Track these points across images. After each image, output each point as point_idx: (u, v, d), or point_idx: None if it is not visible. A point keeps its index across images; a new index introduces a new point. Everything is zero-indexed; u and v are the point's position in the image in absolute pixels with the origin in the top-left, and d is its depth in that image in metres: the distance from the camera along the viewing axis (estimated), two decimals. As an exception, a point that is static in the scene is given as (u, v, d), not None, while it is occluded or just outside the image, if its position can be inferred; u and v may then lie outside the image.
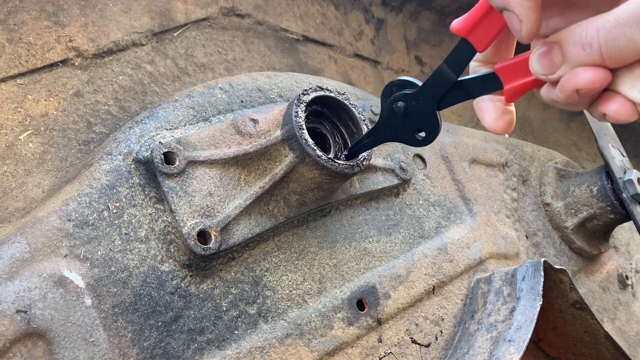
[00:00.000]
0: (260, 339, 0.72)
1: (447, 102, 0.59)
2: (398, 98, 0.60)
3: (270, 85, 0.87)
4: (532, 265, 0.89)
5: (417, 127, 0.61)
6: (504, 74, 0.52)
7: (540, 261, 0.88)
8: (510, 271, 0.93)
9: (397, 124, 0.62)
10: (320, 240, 0.82)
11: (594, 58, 0.43)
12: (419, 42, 1.38)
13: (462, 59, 0.54)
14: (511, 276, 0.92)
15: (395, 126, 0.62)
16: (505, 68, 0.52)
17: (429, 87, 0.58)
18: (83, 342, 0.60)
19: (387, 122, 0.63)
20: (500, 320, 0.87)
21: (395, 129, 0.63)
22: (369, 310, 0.82)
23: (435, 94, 0.58)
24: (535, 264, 0.89)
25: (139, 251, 0.67)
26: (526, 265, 0.91)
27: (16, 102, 0.73)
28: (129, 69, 0.84)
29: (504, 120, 0.55)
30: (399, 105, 0.60)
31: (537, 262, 0.88)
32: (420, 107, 0.60)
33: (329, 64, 1.16)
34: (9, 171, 0.70)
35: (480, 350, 0.84)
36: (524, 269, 0.90)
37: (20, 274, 0.59)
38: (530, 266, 0.89)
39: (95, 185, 0.67)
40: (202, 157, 0.71)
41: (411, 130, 0.62)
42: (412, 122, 0.61)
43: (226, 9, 0.98)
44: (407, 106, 0.60)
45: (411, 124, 0.61)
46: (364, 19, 1.25)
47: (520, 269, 0.91)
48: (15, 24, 0.75)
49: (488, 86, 0.54)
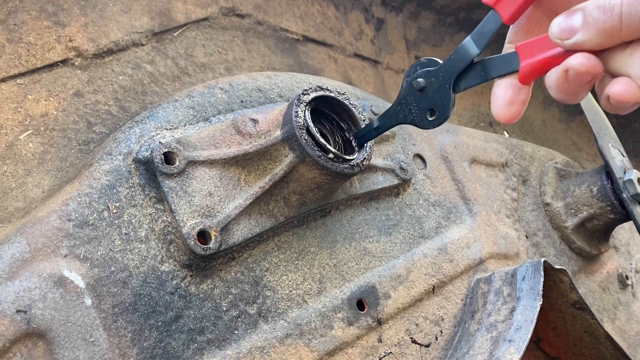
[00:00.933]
0: (260, 339, 0.72)
1: (465, 83, 0.58)
2: (419, 75, 0.61)
3: (270, 85, 0.87)
4: (532, 265, 0.89)
5: (431, 107, 0.61)
6: (523, 51, 0.52)
7: (540, 261, 0.88)
8: (510, 271, 0.93)
9: (412, 102, 0.62)
10: (320, 240, 0.82)
11: (612, 23, 0.44)
12: (419, 42, 1.38)
13: (487, 31, 0.54)
14: (511, 276, 0.92)
15: (410, 106, 0.63)
16: (526, 45, 0.52)
17: (450, 62, 0.58)
18: (83, 342, 0.60)
19: (403, 100, 0.63)
20: (500, 320, 0.87)
21: (409, 109, 0.63)
22: (369, 310, 0.82)
23: (455, 70, 0.58)
24: (535, 264, 0.89)
25: (139, 251, 0.67)
26: (526, 265, 0.91)
27: (16, 102, 0.73)
28: (129, 69, 0.84)
29: (510, 109, 0.55)
30: (418, 81, 0.61)
31: (537, 262, 0.88)
32: (438, 85, 0.60)
33: (329, 63, 1.16)
34: (9, 171, 0.70)
35: (480, 350, 0.84)
36: (524, 269, 0.90)
37: (20, 274, 0.59)
38: (530, 266, 0.89)
39: (95, 185, 0.67)
40: (202, 157, 0.71)
41: (424, 110, 0.62)
42: (427, 101, 0.61)
43: (226, 9, 0.98)
44: (426, 83, 0.60)
45: (426, 102, 0.61)
46: (364, 18, 1.25)
47: (520, 269, 0.91)
48: (15, 24, 0.75)
49: (505, 65, 0.54)
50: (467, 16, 1.36)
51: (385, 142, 0.96)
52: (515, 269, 0.92)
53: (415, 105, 0.63)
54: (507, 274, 0.93)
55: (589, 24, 0.46)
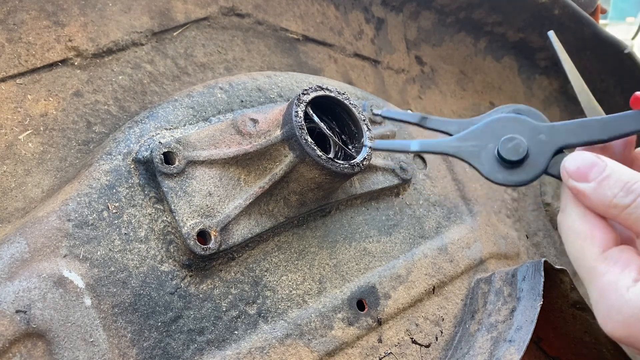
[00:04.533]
0: (260, 339, 0.71)
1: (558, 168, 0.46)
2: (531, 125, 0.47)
3: (270, 85, 0.87)
4: (533, 265, 0.89)
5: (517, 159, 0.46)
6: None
7: (541, 261, 0.88)
8: (510, 271, 0.93)
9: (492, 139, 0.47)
10: (320, 240, 0.82)
11: None
12: (419, 42, 1.38)
13: (631, 124, 0.44)
14: (511, 276, 0.92)
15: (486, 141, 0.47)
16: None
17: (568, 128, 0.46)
18: (83, 342, 0.60)
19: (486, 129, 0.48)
20: (501, 321, 0.87)
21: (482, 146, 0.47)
22: (369, 310, 0.82)
23: (563, 141, 0.46)
24: (535, 264, 0.89)
25: (138, 251, 0.67)
26: (526, 265, 0.90)
27: (16, 101, 0.73)
28: (128, 68, 0.84)
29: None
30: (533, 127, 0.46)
31: (537, 262, 0.88)
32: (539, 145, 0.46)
33: (329, 63, 1.16)
34: (8, 171, 0.70)
35: (481, 351, 0.84)
36: (525, 269, 0.90)
37: (20, 274, 0.59)
38: (530, 266, 0.89)
39: (95, 185, 0.67)
40: (201, 157, 0.71)
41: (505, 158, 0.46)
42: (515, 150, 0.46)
43: (226, 8, 0.98)
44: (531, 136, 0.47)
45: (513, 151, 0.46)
46: (364, 18, 1.25)
47: (521, 269, 0.91)
48: (15, 24, 0.74)
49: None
50: (467, 16, 1.36)
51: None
52: (516, 269, 0.92)
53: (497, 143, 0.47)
54: (508, 274, 0.93)
55: None
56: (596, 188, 0.42)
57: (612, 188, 0.41)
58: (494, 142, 0.47)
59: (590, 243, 0.43)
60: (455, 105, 1.46)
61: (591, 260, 0.43)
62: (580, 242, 0.44)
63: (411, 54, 1.37)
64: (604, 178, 0.42)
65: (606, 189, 0.42)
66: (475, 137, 0.48)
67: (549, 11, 1.32)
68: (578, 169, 0.43)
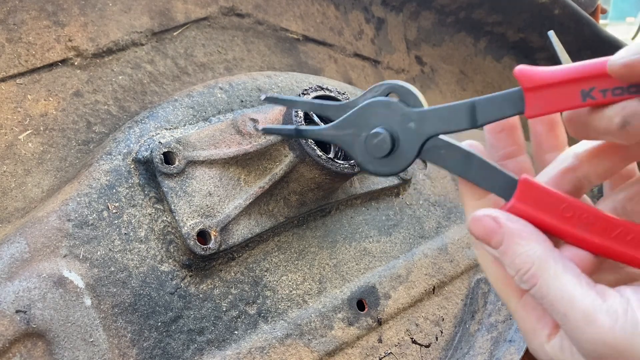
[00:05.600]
0: (260, 339, 0.71)
1: (432, 154, 0.44)
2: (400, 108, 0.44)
3: (270, 84, 0.87)
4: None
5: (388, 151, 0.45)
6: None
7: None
8: (510, 271, 0.93)
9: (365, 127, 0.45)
10: (320, 241, 0.82)
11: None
12: (419, 42, 1.38)
13: (497, 111, 0.41)
14: (511, 276, 0.91)
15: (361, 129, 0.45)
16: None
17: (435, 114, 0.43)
18: (83, 342, 0.60)
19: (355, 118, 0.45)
20: (501, 321, 0.87)
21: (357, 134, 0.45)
22: (369, 310, 0.82)
23: (431, 130, 0.44)
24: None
25: (138, 251, 0.67)
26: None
27: (16, 101, 0.73)
28: (128, 68, 0.84)
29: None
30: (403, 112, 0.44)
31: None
32: (408, 134, 0.44)
33: (329, 63, 1.16)
34: (8, 171, 0.70)
35: (481, 351, 0.84)
36: (525, 269, 0.90)
37: (20, 274, 0.59)
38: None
39: (95, 185, 0.67)
40: (201, 157, 0.71)
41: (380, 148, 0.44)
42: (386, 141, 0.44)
43: (226, 8, 0.98)
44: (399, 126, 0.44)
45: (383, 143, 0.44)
46: (364, 18, 1.25)
47: (521, 269, 0.91)
48: (15, 24, 0.74)
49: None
50: (467, 16, 1.36)
51: (385, 142, 0.96)
52: (516, 269, 0.92)
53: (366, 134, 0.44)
54: (508, 274, 0.93)
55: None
56: (500, 256, 0.39)
57: (510, 266, 0.39)
58: (366, 130, 0.45)
59: (507, 289, 0.42)
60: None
61: (511, 305, 0.42)
62: (498, 285, 0.43)
63: (411, 54, 1.37)
64: (502, 253, 0.39)
65: (506, 262, 0.39)
66: (349, 125, 0.46)
67: (549, 11, 1.32)
68: (480, 235, 0.40)
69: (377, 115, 0.45)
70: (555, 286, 0.36)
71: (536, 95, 0.39)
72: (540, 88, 0.39)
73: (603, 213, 0.39)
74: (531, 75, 0.39)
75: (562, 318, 0.36)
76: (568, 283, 0.36)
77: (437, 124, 0.44)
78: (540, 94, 0.39)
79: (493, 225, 0.39)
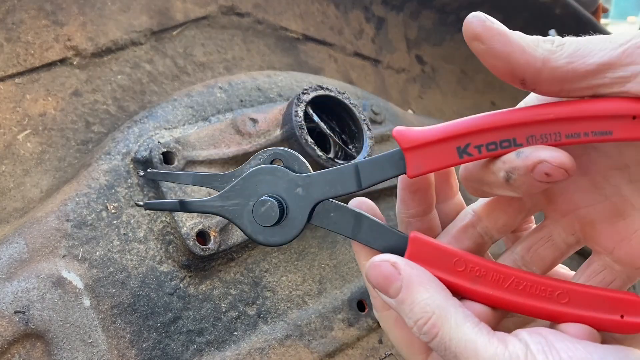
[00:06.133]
0: (259, 340, 0.71)
1: (322, 218, 0.44)
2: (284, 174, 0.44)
3: (270, 84, 0.87)
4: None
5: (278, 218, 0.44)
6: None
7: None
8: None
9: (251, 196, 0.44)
10: (320, 241, 0.82)
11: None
12: (420, 41, 1.38)
13: (380, 173, 0.42)
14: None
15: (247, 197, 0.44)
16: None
17: (321, 178, 0.43)
18: (82, 343, 0.59)
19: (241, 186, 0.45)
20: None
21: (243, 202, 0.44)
22: (370, 311, 0.82)
23: (319, 195, 0.43)
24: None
25: (137, 252, 0.67)
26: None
27: (14, 101, 0.73)
28: (127, 68, 0.84)
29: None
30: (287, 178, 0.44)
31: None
32: (297, 201, 0.44)
33: (329, 63, 1.15)
34: (7, 171, 0.70)
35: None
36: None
37: (19, 275, 0.59)
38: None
39: (94, 186, 0.67)
40: (201, 157, 0.71)
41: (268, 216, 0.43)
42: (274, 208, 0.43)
43: (225, 7, 0.98)
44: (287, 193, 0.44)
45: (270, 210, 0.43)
46: (364, 17, 1.25)
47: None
48: (14, 23, 0.74)
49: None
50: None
51: (385, 141, 0.96)
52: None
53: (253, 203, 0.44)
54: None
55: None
56: (397, 307, 0.38)
57: (408, 317, 0.38)
58: (254, 199, 0.44)
59: (412, 352, 0.42)
60: (456, 105, 1.45)
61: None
62: (403, 349, 0.43)
63: (412, 53, 1.37)
64: (401, 302, 0.38)
65: (404, 313, 0.38)
66: (236, 195, 0.45)
67: (550, 10, 1.31)
68: (378, 283, 0.39)
69: (263, 183, 0.44)
70: (457, 336, 0.36)
71: (415, 155, 0.39)
72: (418, 147, 0.39)
73: (496, 265, 0.39)
74: (408, 136, 0.40)
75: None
76: (470, 332, 0.36)
77: (324, 188, 0.43)
78: (419, 153, 0.39)
79: (392, 271, 0.39)
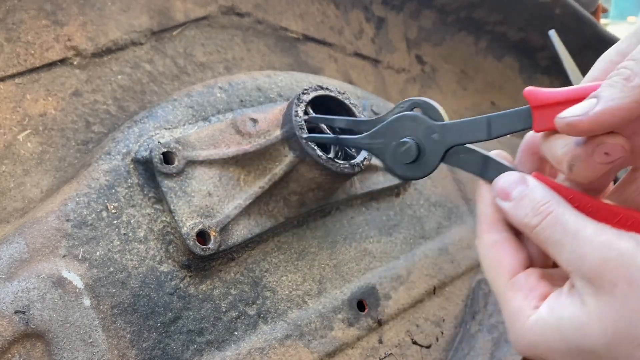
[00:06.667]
0: (259, 340, 0.71)
1: (453, 159, 0.52)
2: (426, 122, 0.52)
3: (270, 84, 0.87)
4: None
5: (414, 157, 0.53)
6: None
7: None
8: (511, 271, 0.92)
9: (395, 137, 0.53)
10: (321, 241, 0.82)
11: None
12: (420, 41, 1.38)
13: (509, 126, 0.47)
14: (512, 276, 0.91)
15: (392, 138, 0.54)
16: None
17: (456, 127, 0.50)
18: (82, 342, 0.59)
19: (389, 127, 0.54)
20: (502, 322, 0.87)
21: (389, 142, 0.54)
22: (370, 311, 0.82)
23: (452, 140, 0.51)
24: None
25: (137, 251, 0.67)
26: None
27: (15, 101, 0.73)
28: (127, 68, 0.84)
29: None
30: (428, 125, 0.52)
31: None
32: (432, 144, 0.52)
33: (329, 63, 1.15)
34: (7, 171, 0.70)
35: (482, 352, 0.84)
36: (525, 270, 0.90)
37: (19, 275, 0.59)
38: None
39: (94, 186, 0.67)
40: (201, 157, 0.71)
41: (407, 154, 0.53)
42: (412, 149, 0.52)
43: (226, 7, 0.98)
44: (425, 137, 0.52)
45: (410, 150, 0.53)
46: (364, 17, 1.25)
47: (522, 269, 0.90)
48: (14, 23, 0.74)
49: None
50: (468, 15, 1.36)
51: (385, 141, 0.96)
52: (517, 269, 0.91)
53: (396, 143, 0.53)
54: (508, 274, 0.92)
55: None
56: (513, 207, 0.44)
57: (525, 208, 0.43)
58: (396, 140, 0.53)
59: (499, 271, 0.46)
60: (456, 104, 1.45)
61: (500, 287, 0.45)
62: (491, 270, 0.47)
63: (412, 53, 1.37)
64: (521, 198, 0.44)
65: (520, 208, 0.43)
66: (381, 136, 0.55)
67: (550, 10, 1.31)
68: (503, 188, 0.45)
69: (404, 127, 0.53)
70: (570, 219, 0.40)
71: (542, 113, 0.44)
72: (545, 106, 0.44)
73: (605, 203, 0.43)
74: (538, 95, 0.44)
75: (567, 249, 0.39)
76: (583, 218, 0.40)
77: (457, 135, 0.51)
78: (545, 111, 0.44)
79: (521, 177, 0.44)
